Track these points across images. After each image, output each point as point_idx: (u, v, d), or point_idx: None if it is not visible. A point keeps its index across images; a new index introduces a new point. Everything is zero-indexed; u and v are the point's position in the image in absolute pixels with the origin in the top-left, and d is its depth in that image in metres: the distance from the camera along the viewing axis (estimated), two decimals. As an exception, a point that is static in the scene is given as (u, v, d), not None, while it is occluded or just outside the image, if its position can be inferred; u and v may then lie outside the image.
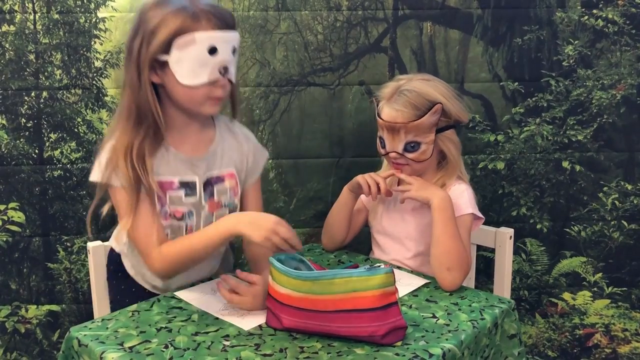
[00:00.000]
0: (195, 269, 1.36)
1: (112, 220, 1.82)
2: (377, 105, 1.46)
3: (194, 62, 1.18)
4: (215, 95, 1.24)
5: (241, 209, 1.41)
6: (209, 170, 1.33)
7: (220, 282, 1.25)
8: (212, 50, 1.19)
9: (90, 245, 1.47)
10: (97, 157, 1.28)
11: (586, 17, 1.89)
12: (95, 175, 1.27)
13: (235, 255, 1.71)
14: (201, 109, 1.25)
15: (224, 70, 1.22)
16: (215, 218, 1.35)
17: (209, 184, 1.34)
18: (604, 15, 1.88)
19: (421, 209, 1.45)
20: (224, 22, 1.21)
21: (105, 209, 1.33)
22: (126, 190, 1.24)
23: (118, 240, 1.42)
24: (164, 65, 1.20)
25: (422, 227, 1.45)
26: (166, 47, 1.18)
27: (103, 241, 1.50)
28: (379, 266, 1.06)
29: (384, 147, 1.45)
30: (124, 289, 1.44)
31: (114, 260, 1.45)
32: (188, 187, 1.31)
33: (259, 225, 1.16)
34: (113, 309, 1.44)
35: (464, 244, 1.36)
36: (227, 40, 1.21)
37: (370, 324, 1.05)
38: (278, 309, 1.12)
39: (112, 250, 1.46)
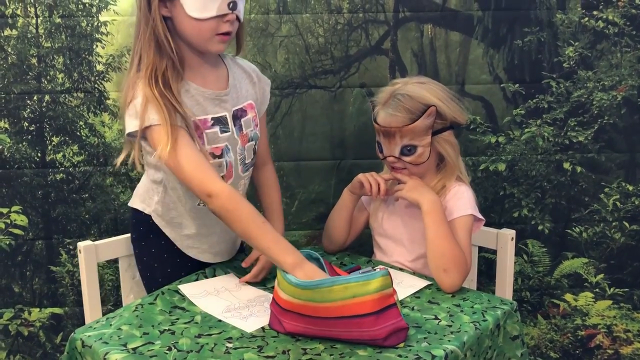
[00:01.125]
0: (215, 237, 1.42)
1: (114, 224, 1.84)
2: (374, 110, 1.47)
3: None
4: (223, 30, 1.23)
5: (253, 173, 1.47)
6: (235, 104, 1.36)
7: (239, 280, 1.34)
8: None
9: (81, 244, 1.45)
10: (125, 110, 1.26)
11: (586, 19, 1.89)
12: (132, 125, 1.23)
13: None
14: (208, 45, 1.25)
15: (233, 5, 1.22)
16: (246, 151, 1.39)
17: (236, 118, 1.36)
18: (604, 17, 1.89)
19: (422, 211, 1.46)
20: None
21: (119, 160, 1.30)
22: (163, 122, 1.20)
23: (148, 201, 1.41)
24: None
25: (423, 229, 1.46)
26: None
27: (93, 241, 1.49)
28: (375, 269, 1.07)
29: (381, 151, 1.46)
30: (155, 252, 1.43)
31: (143, 221, 1.42)
32: (220, 122, 1.32)
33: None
34: (142, 273, 1.45)
35: (461, 244, 1.37)
36: None
37: (371, 328, 1.05)
38: (281, 314, 1.12)
39: (138, 212, 1.43)
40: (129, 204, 1.47)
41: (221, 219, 1.23)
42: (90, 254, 1.46)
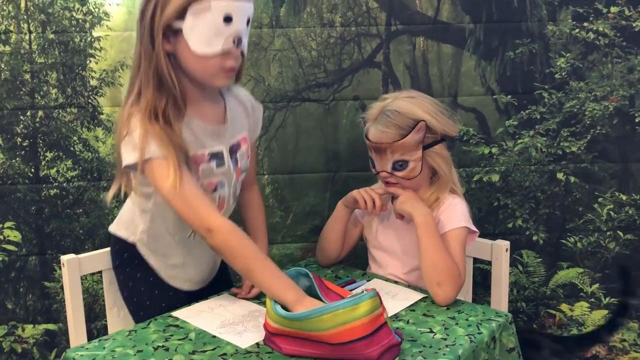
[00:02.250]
0: (199, 266, 1.43)
1: (108, 239, 1.81)
2: (365, 126, 1.47)
3: (208, 31, 1.16)
4: (228, 66, 1.21)
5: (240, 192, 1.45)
6: (231, 139, 1.34)
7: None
8: (228, 19, 1.17)
9: (65, 258, 1.43)
10: (122, 143, 1.21)
11: (577, 30, 1.91)
12: (130, 157, 1.18)
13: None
14: (213, 80, 1.23)
15: (238, 41, 1.20)
16: (239, 184, 1.39)
17: (232, 152, 1.35)
18: (594, 28, 1.91)
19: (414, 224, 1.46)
20: None
21: (110, 195, 1.29)
22: (164, 156, 1.17)
23: (133, 229, 1.38)
24: (177, 33, 1.18)
25: (417, 242, 1.46)
26: (181, 14, 1.16)
27: (77, 254, 1.47)
28: (362, 292, 1.06)
29: (374, 166, 1.47)
30: (141, 277, 1.40)
31: (127, 249, 1.40)
32: (217, 157, 1.30)
33: None
34: (128, 299, 1.43)
35: (454, 257, 1.37)
36: (242, 10, 1.19)
37: (364, 350, 1.05)
38: (274, 336, 1.12)
39: (121, 240, 1.41)
40: (111, 230, 1.43)
41: (221, 254, 1.22)
42: (74, 267, 1.44)
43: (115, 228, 1.43)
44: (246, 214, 1.54)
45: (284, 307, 1.11)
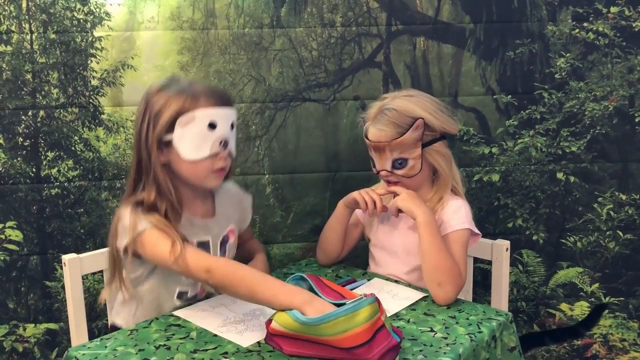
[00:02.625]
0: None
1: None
2: (364, 126, 1.48)
3: (195, 138, 1.28)
4: (217, 167, 1.32)
5: (240, 248, 1.53)
6: (220, 231, 1.42)
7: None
8: (212, 126, 1.29)
9: (66, 257, 1.45)
10: (115, 227, 1.31)
11: (577, 30, 1.91)
12: (123, 239, 1.28)
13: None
14: (205, 181, 1.33)
15: (224, 144, 1.31)
16: None
17: (223, 243, 1.43)
18: (594, 28, 1.91)
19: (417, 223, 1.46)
20: (221, 100, 1.32)
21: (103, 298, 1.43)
22: (159, 224, 1.27)
23: (121, 314, 1.43)
24: (169, 144, 1.29)
25: (418, 241, 1.46)
26: (170, 127, 1.27)
27: (78, 253, 1.49)
28: (361, 297, 1.07)
29: (374, 166, 1.47)
30: None
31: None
32: (204, 246, 1.37)
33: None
34: None
35: (456, 258, 1.37)
36: (225, 116, 1.31)
37: (365, 355, 1.05)
38: (276, 337, 1.12)
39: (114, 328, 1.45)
40: (111, 322, 1.47)
41: (224, 289, 1.25)
42: (75, 266, 1.46)
43: (113, 319, 1.46)
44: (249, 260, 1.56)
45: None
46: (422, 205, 1.40)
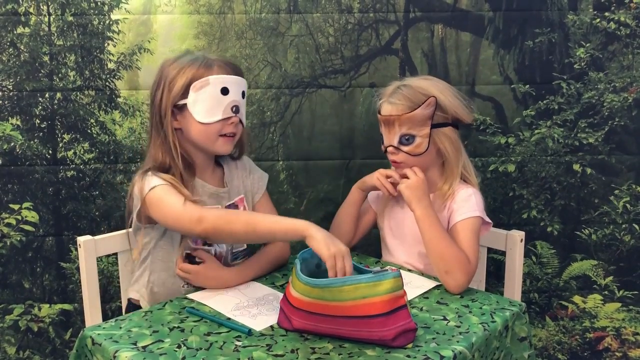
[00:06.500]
0: None
1: (124, 221, 1.84)
2: (379, 102, 1.48)
3: (209, 102, 1.34)
4: (227, 131, 1.37)
5: None
6: (229, 200, 1.47)
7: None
8: (225, 91, 1.35)
9: (81, 239, 1.46)
10: (130, 192, 1.39)
11: (598, 20, 1.89)
12: (137, 203, 1.35)
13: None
14: (215, 146, 1.38)
15: (236, 109, 1.37)
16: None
17: None
18: (616, 18, 1.88)
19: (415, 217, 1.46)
20: (233, 69, 1.38)
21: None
22: (170, 181, 1.32)
23: (134, 287, 1.47)
24: (183, 108, 1.35)
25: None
26: (184, 92, 1.34)
27: (93, 235, 1.50)
28: (387, 270, 1.07)
29: (383, 143, 1.48)
30: None
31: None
32: None
33: (333, 243, 1.12)
34: None
35: (465, 245, 1.37)
36: (237, 83, 1.37)
37: (380, 328, 1.05)
38: (290, 311, 1.13)
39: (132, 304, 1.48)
40: (126, 299, 1.51)
41: (222, 232, 1.25)
42: (90, 248, 1.47)
43: (129, 293, 1.50)
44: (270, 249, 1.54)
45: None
46: (423, 199, 1.40)
